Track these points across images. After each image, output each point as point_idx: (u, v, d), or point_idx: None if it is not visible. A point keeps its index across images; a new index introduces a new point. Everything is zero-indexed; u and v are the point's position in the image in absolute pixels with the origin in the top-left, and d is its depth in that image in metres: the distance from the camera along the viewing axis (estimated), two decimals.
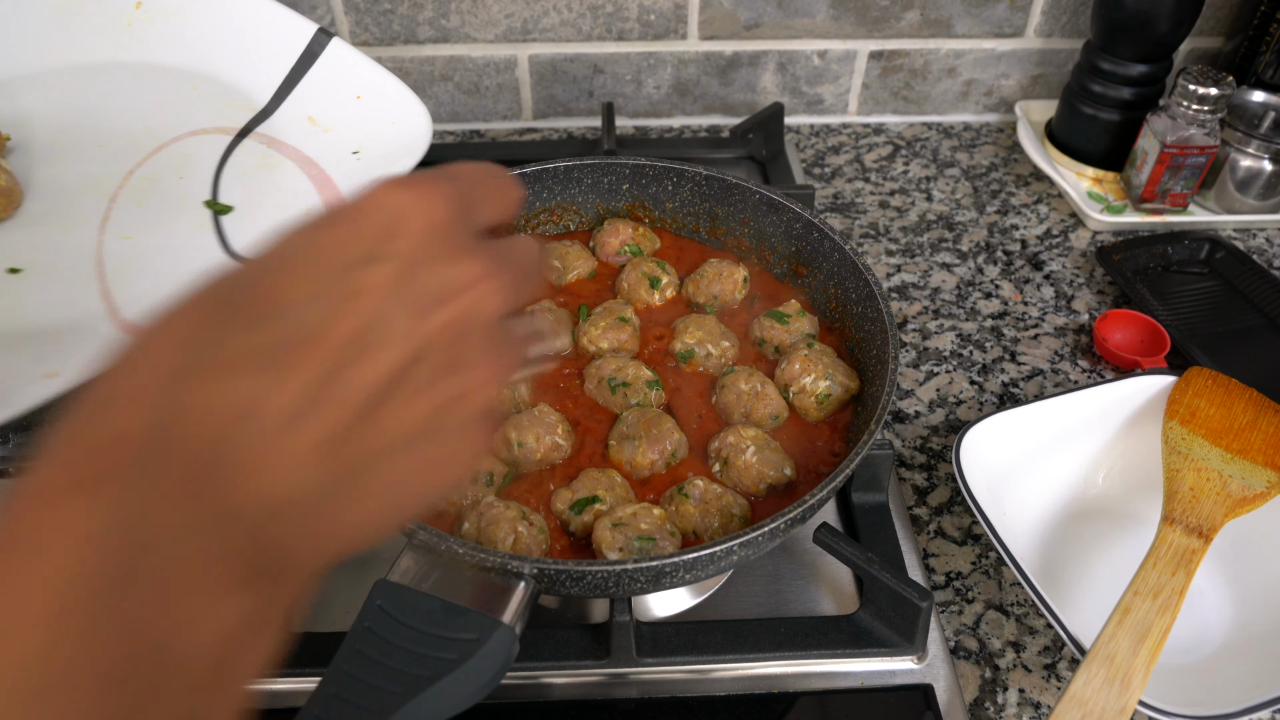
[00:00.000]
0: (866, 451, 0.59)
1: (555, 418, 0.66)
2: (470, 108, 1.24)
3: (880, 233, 1.07)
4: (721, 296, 0.76)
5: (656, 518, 0.59)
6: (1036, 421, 0.74)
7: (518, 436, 0.64)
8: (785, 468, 0.64)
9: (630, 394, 0.68)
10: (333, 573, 0.65)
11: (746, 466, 0.63)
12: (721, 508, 0.61)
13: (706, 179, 0.80)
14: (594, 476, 0.63)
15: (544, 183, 0.81)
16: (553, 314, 0.74)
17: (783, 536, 0.57)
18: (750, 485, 0.64)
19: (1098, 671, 0.57)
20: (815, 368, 0.68)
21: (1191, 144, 0.99)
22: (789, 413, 0.69)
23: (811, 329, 0.73)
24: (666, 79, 1.22)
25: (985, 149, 1.22)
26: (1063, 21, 1.19)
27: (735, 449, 0.64)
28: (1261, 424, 0.74)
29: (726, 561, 0.56)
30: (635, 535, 0.58)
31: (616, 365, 0.69)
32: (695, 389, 0.71)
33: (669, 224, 0.84)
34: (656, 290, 0.76)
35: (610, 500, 0.62)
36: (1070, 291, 0.99)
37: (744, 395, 0.68)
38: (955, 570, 0.73)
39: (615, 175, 0.83)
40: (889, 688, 0.63)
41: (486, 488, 0.64)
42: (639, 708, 0.62)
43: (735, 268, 0.77)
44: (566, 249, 0.80)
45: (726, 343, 0.72)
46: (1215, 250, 0.99)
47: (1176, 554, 0.64)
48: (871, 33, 1.19)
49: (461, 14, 1.15)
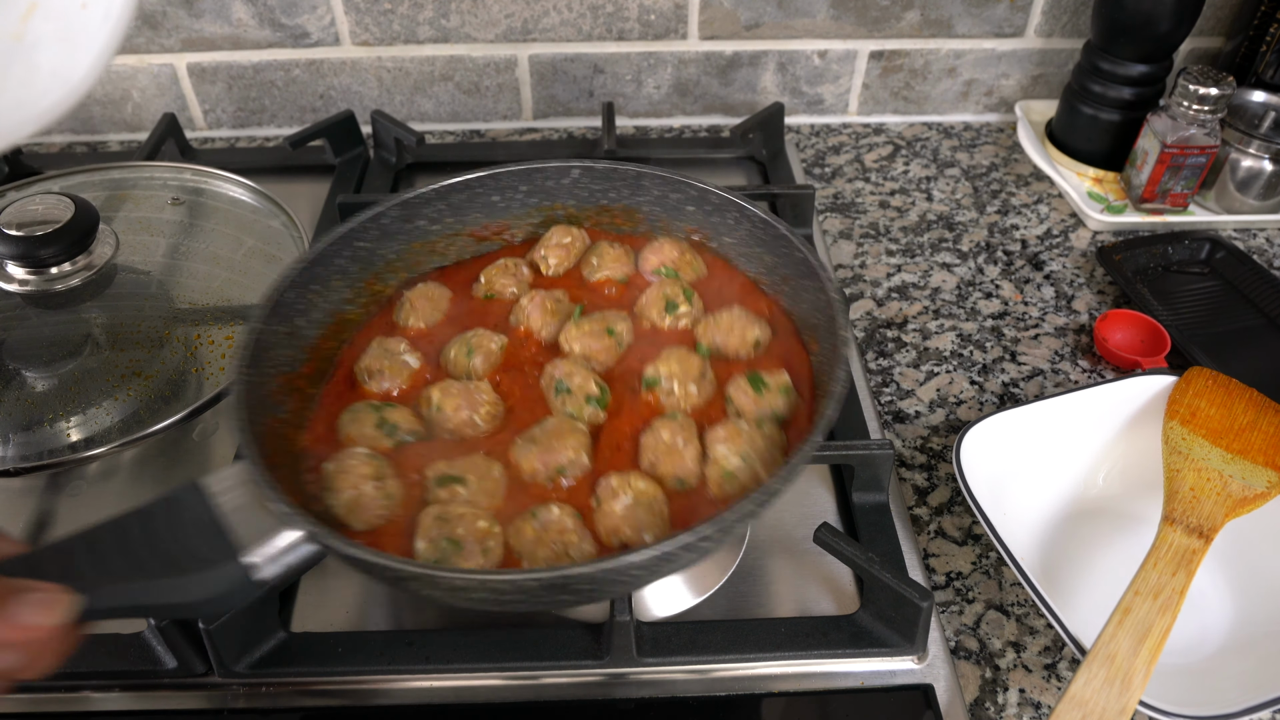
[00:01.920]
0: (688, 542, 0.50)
1: (487, 397, 0.64)
2: (470, 108, 1.24)
3: (880, 233, 1.07)
4: (724, 349, 0.69)
5: (480, 529, 0.56)
6: (1037, 422, 0.74)
7: (438, 399, 0.63)
8: (648, 534, 0.56)
9: (568, 401, 0.64)
10: (333, 574, 0.65)
11: (610, 514, 0.57)
12: (562, 544, 0.56)
13: (763, 222, 0.72)
14: (477, 461, 0.60)
15: (612, 181, 0.78)
16: (556, 301, 0.72)
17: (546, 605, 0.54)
18: (607, 534, 0.57)
19: (1098, 671, 0.57)
20: (737, 442, 0.60)
21: (1192, 144, 0.99)
22: (699, 483, 0.60)
23: (785, 409, 0.64)
24: (667, 79, 1.22)
25: (985, 149, 1.22)
26: (1063, 21, 1.19)
27: (612, 493, 0.58)
28: (1262, 424, 0.74)
29: (506, 600, 0.52)
30: (447, 536, 0.55)
31: (568, 370, 0.65)
32: (639, 419, 0.64)
33: (729, 257, 0.77)
34: (670, 315, 0.71)
35: (474, 490, 0.58)
36: (1070, 291, 0.99)
37: (661, 444, 0.61)
38: (955, 570, 0.73)
39: (681, 194, 0.77)
40: (889, 688, 0.63)
41: (386, 436, 0.61)
42: (639, 708, 0.62)
43: (752, 325, 0.69)
44: (609, 249, 0.76)
45: (695, 388, 0.65)
46: (1215, 250, 0.99)
47: (1177, 554, 0.64)
48: (872, 33, 1.19)
49: (461, 14, 1.15)
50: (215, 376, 0.76)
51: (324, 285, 0.69)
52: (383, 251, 0.73)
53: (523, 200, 0.79)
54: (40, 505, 0.74)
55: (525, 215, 0.80)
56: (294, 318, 0.66)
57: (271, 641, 0.63)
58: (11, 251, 0.77)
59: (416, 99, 1.23)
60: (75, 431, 0.71)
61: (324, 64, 1.19)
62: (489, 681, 0.63)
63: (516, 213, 0.79)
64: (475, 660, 0.63)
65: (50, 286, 0.78)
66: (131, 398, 0.73)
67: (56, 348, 0.76)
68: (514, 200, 0.79)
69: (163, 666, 0.63)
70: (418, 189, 0.74)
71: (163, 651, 0.62)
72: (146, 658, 0.63)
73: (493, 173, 0.77)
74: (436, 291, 0.74)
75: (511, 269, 0.76)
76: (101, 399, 0.73)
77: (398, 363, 0.67)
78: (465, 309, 0.73)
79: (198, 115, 1.23)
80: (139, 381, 0.74)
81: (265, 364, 0.62)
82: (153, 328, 0.78)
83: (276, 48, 1.18)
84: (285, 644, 0.64)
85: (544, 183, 0.79)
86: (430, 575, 0.50)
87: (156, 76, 1.19)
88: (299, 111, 1.24)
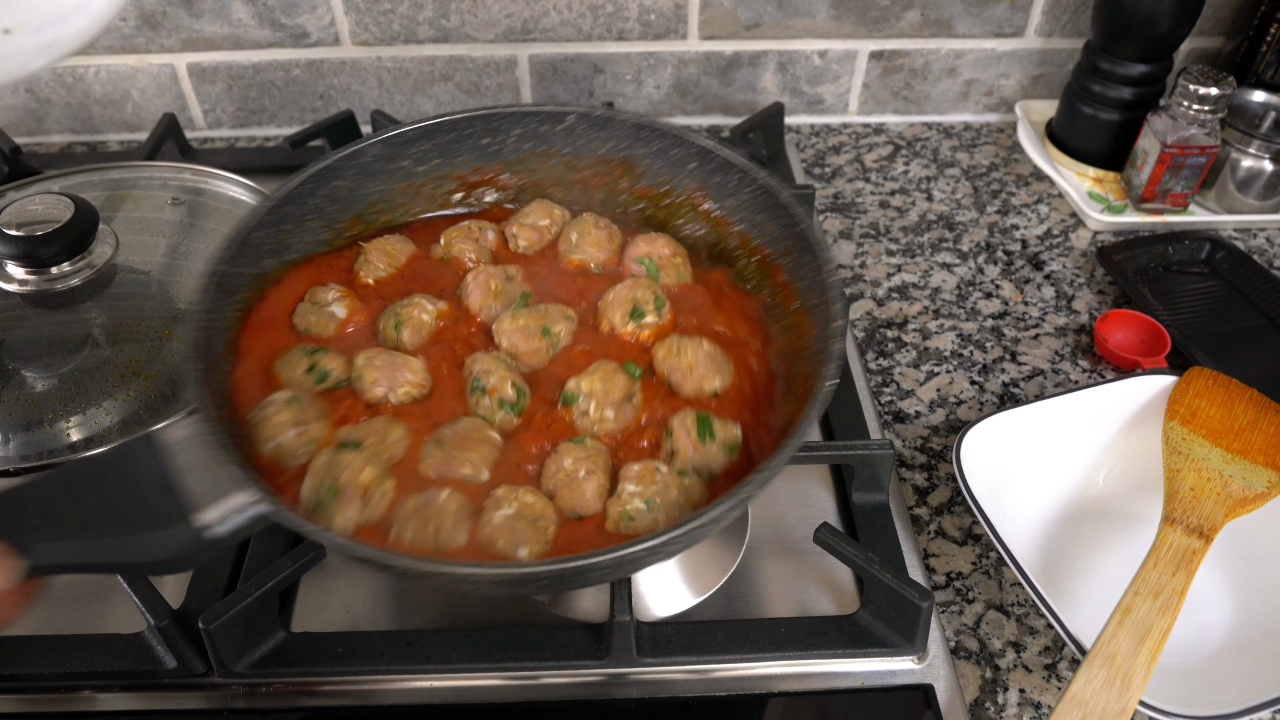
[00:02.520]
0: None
1: (410, 376, 0.61)
2: (470, 108, 1.24)
3: (880, 233, 1.07)
4: (678, 387, 0.63)
5: (366, 481, 0.54)
6: (1037, 421, 0.74)
7: (360, 366, 0.61)
8: (523, 549, 0.54)
9: (481, 401, 0.60)
10: (333, 574, 0.65)
11: (490, 523, 0.54)
12: (435, 526, 0.54)
13: (765, 189, 0.67)
14: (381, 425, 0.58)
15: (610, 130, 0.73)
16: (505, 280, 0.67)
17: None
18: (483, 541, 0.54)
19: (1098, 672, 0.57)
20: (648, 487, 0.56)
21: (1192, 144, 0.99)
22: (595, 516, 0.57)
23: (719, 467, 0.59)
24: (667, 79, 1.22)
25: (985, 149, 1.22)
26: (1063, 21, 1.19)
27: (495, 504, 0.55)
28: (1262, 424, 0.74)
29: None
30: (330, 481, 0.54)
31: (487, 367, 0.61)
32: (549, 435, 0.60)
33: (731, 229, 0.72)
34: (634, 322, 0.65)
35: (370, 451, 0.56)
36: (1070, 291, 0.99)
37: (564, 472, 0.57)
38: (955, 570, 0.73)
39: (683, 149, 0.71)
40: (889, 688, 0.63)
41: (316, 382, 0.61)
42: (639, 708, 0.62)
43: (715, 374, 0.62)
44: (592, 227, 0.71)
45: (613, 412, 0.60)
46: (1216, 250, 0.99)
47: (1177, 554, 0.64)
48: (872, 32, 1.19)
49: (461, 14, 1.15)
50: None
51: (297, 224, 0.66)
52: (364, 192, 0.70)
53: (515, 145, 0.74)
54: None
55: (519, 161, 0.75)
56: (263, 258, 0.64)
57: (271, 641, 0.63)
58: (11, 251, 0.77)
59: (416, 99, 1.23)
60: (75, 431, 0.71)
61: (324, 64, 1.19)
62: (489, 681, 0.63)
63: (509, 157, 0.75)
64: (475, 660, 0.63)
65: (50, 286, 0.78)
66: (131, 397, 0.73)
67: (56, 348, 0.76)
68: (505, 144, 0.74)
69: (163, 666, 0.62)
70: (402, 125, 0.71)
71: (163, 651, 0.62)
72: (146, 658, 0.63)
73: (483, 113, 0.73)
74: (397, 246, 0.71)
75: (475, 233, 0.72)
76: (101, 399, 0.72)
77: (325, 314, 0.65)
78: (421, 269, 0.70)
79: (198, 115, 1.23)
80: (139, 381, 0.74)
81: (228, 307, 0.60)
82: (153, 327, 0.78)
83: (276, 48, 1.18)
84: (285, 644, 0.64)
85: (538, 127, 0.74)
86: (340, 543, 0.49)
87: (156, 76, 1.19)
88: (299, 111, 1.24)
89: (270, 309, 0.66)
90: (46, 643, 0.64)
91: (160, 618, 0.61)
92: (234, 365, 0.62)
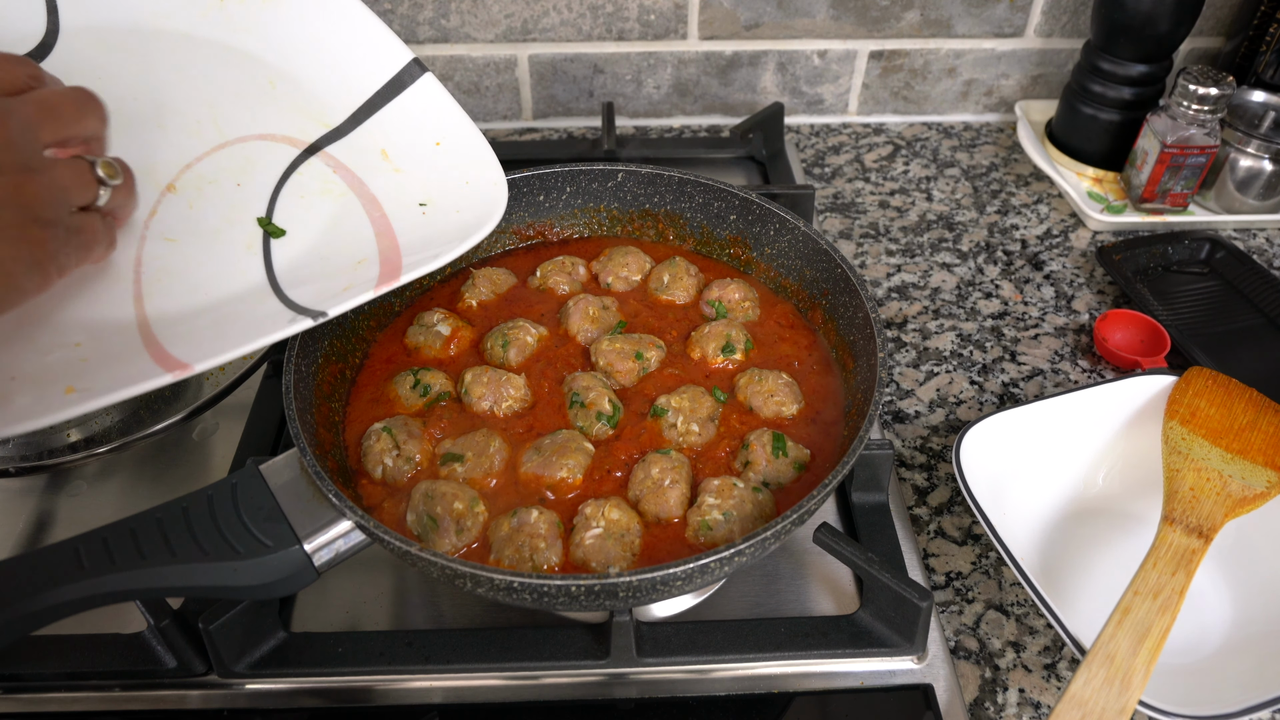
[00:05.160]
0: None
1: (514, 391, 0.69)
2: (470, 108, 1.24)
3: (880, 233, 1.07)
4: (758, 410, 0.69)
5: (459, 511, 0.60)
6: (1036, 421, 0.74)
7: (469, 382, 0.68)
8: (613, 566, 0.59)
9: (580, 414, 0.67)
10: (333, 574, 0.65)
11: (581, 544, 0.60)
12: (530, 549, 0.59)
13: (805, 235, 0.75)
14: (481, 438, 0.65)
15: (656, 186, 0.81)
16: (601, 309, 0.75)
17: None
18: (575, 559, 0.60)
19: (1098, 671, 0.57)
20: (726, 499, 0.62)
21: (1191, 144, 0.99)
22: (677, 522, 0.62)
23: (788, 480, 0.65)
24: (666, 79, 1.22)
25: (985, 149, 1.22)
26: (1063, 21, 1.19)
27: (587, 522, 0.60)
28: (1262, 424, 0.74)
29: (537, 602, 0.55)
30: (428, 513, 0.60)
31: (586, 384, 0.69)
32: (635, 447, 0.67)
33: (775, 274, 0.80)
34: (724, 355, 0.73)
35: (470, 465, 0.63)
36: (1070, 291, 0.99)
37: (650, 480, 0.63)
38: (955, 570, 0.73)
39: (724, 202, 0.80)
40: (889, 688, 0.63)
41: (420, 398, 0.68)
42: (639, 708, 0.62)
43: (791, 401, 0.69)
44: (684, 272, 0.79)
45: (698, 427, 0.67)
46: (1215, 250, 0.99)
47: (1177, 554, 0.64)
48: (871, 33, 1.19)
49: (461, 14, 1.15)
50: (215, 376, 0.76)
51: None
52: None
53: (567, 201, 0.83)
54: (40, 505, 0.74)
55: (569, 215, 0.84)
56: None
57: (271, 641, 0.63)
58: None
59: None
60: (75, 431, 0.71)
61: None
62: (489, 681, 0.63)
63: (561, 212, 0.83)
64: (475, 660, 0.63)
65: None
66: (132, 397, 0.73)
67: None
68: (559, 201, 0.83)
69: (163, 666, 0.63)
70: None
71: (163, 651, 0.62)
72: (146, 658, 0.63)
73: (539, 173, 0.81)
74: (500, 276, 0.79)
75: (568, 267, 0.80)
76: None
77: (431, 334, 0.73)
78: (519, 294, 0.79)
79: None
80: None
81: (314, 352, 0.66)
82: None
83: None
84: (285, 644, 0.64)
85: (589, 184, 0.82)
86: (473, 574, 0.53)
87: None
88: None
89: (382, 342, 0.75)
90: (47, 643, 0.64)
91: (160, 618, 0.61)
92: (350, 397, 0.71)
